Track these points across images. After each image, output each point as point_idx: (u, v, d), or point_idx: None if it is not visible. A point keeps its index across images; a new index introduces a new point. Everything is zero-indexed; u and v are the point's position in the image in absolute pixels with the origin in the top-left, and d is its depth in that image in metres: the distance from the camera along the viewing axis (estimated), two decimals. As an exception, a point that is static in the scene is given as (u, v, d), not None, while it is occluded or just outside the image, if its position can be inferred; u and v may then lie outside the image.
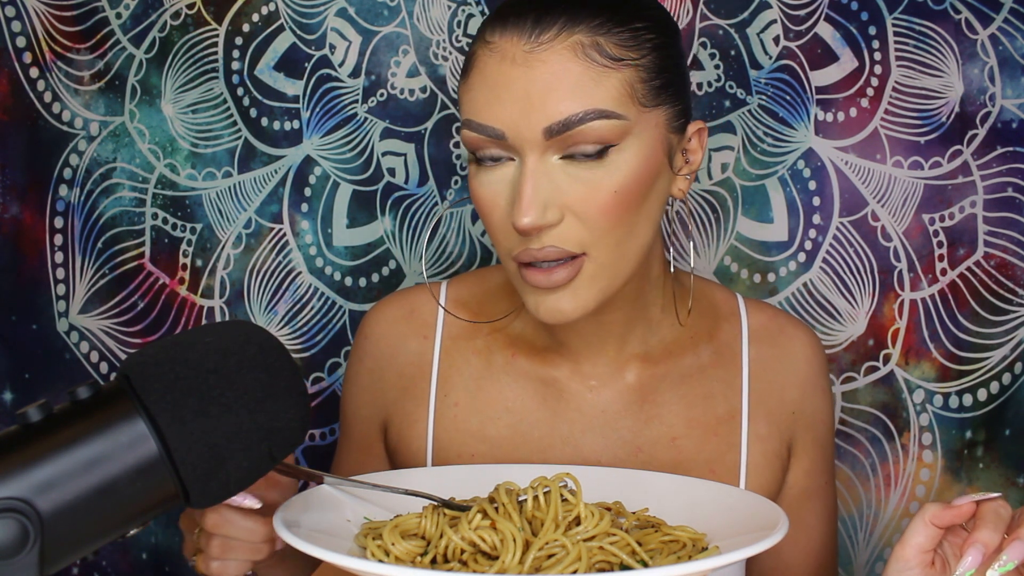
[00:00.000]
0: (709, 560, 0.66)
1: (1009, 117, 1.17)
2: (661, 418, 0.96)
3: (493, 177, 0.85)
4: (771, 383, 0.99)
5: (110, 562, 1.31)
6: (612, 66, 0.83)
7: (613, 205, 0.83)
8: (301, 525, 0.74)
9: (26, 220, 1.30)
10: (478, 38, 0.87)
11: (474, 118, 0.84)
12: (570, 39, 0.82)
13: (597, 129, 0.82)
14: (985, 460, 1.20)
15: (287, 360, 0.64)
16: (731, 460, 0.96)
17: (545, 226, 0.82)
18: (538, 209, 0.82)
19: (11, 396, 1.31)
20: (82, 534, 0.56)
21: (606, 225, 0.84)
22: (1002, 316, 1.18)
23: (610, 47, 0.83)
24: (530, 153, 0.82)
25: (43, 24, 1.28)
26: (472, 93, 0.85)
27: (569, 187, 0.83)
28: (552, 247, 0.83)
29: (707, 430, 0.96)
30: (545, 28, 0.82)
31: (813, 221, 1.21)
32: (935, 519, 0.72)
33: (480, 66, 0.85)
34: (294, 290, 1.28)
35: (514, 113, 0.82)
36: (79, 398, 0.58)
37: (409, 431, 0.99)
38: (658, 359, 0.98)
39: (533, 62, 0.82)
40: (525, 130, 0.82)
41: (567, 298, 0.85)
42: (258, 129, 1.27)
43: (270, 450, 0.62)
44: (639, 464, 0.95)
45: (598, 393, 0.97)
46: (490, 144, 0.84)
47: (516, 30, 0.83)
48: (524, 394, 0.97)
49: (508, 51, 0.83)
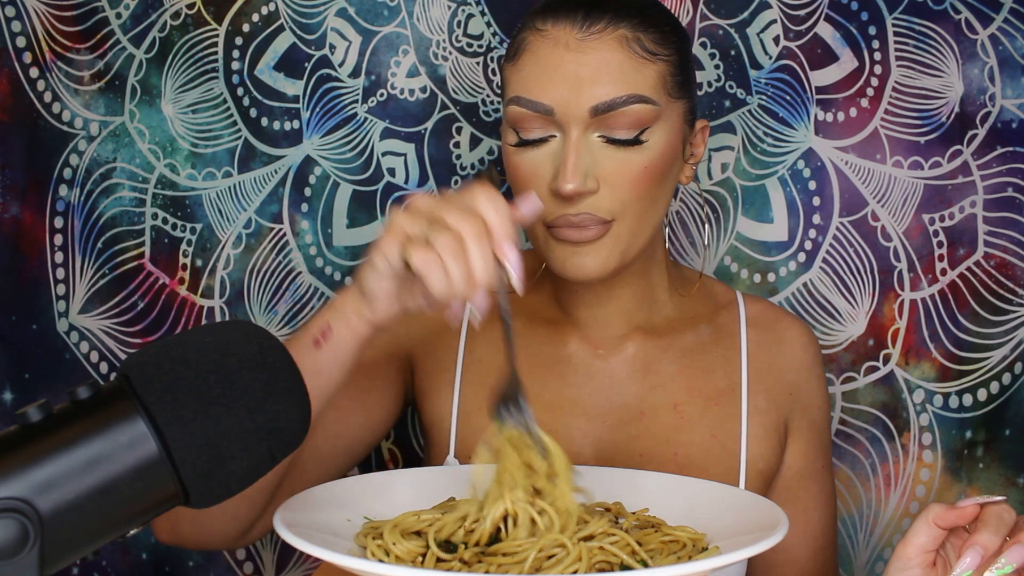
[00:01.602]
0: (709, 560, 0.67)
1: (1009, 117, 1.17)
2: (664, 386, 1.03)
3: (535, 153, 0.94)
4: (769, 363, 1.05)
5: (110, 562, 1.31)
6: (650, 59, 0.93)
7: (642, 179, 0.93)
8: (301, 525, 0.74)
9: (26, 220, 1.30)
10: (527, 26, 0.96)
11: (524, 95, 0.93)
12: (616, 32, 0.92)
13: (636, 112, 0.92)
14: (985, 460, 1.20)
15: (287, 360, 0.64)
16: (732, 428, 1.01)
17: (586, 192, 0.92)
18: (580, 177, 0.91)
19: (11, 396, 1.31)
20: (82, 534, 0.56)
21: (634, 196, 0.93)
22: (1002, 316, 1.18)
23: (648, 43, 0.93)
24: (575, 128, 0.92)
25: (43, 24, 1.28)
26: (523, 73, 0.94)
27: (606, 161, 0.93)
28: (587, 214, 0.92)
29: (708, 399, 1.02)
30: (595, 20, 0.92)
31: (813, 221, 1.21)
32: (938, 520, 0.73)
33: (533, 49, 0.94)
34: (294, 290, 1.28)
35: (564, 92, 0.91)
36: (79, 398, 0.58)
37: (440, 376, 1.05)
38: (661, 333, 1.05)
39: (585, 48, 0.92)
40: (574, 107, 0.91)
41: (592, 256, 0.94)
42: (258, 129, 1.27)
43: (270, 450, 0.62)
44: (642, 427, 1.01)
45: (605, 360, 1.04)
46: (536, 120, 0.93)
47: (568, 20, 0.93)
48: (537, 359, 1.04)
49: (561, 38, 0.93)
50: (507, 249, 0.72)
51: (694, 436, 1.00)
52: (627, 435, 1.01)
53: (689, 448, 1.00)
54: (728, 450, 1.00)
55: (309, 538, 0.70)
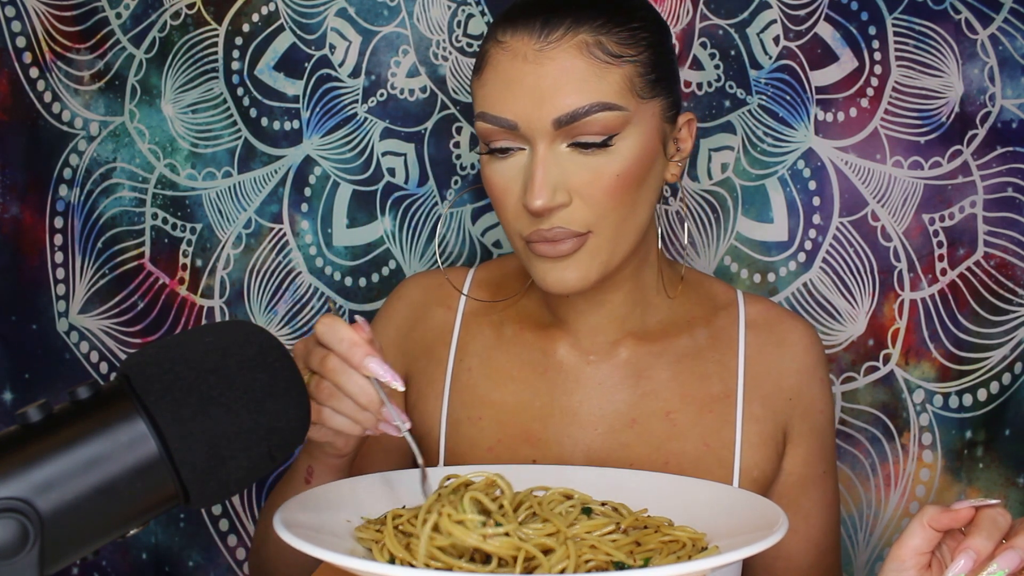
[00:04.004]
0: (709, 560, 0.66)
1: (1009, 117, 1.17)
2: (656, 393, 1.01)
3: (506, 165, 0.93)
4: (767, 369, 1.03)
5: (110, 562, 1.31)
6: (613, 62, 0.90)
7: (616, 187, 0.91)
8: (301, 525, 0.74)
9: (26, 220, 1.30)
10: (490, 37, 0.94)
11: (488, 110, 0.92)
12: (576, 38, 0.89)
13: (601, 120, 0.89)
14: (985, 460, 1.20)
15: (287, 360, 0.64)
16: (726, 436, 0.99)
17: (555, 207, 0.90)
18: (548, 192, 0.89)
19: (11, 396, 1.31)
20: (82, 534, 0.56)
21: (610, 205, 0.91)
22: (1002, 316, 1.18)
23: (611, 45, 0.90)
24: (540, 142, 0.90)
25: (43, 24, 1.28)
26: (486, 88, 0.92)
27: (576, 172, 0.91)
28: (560, 228, 0.91)
29: (701, 407, 1.00)
30: (553, 28, 0.90)
31: (813, 221, 1.21)
32: (932, 522, 0.72)
33: (493, 63, 0.92)
34: (294, 290, 1.28)
35: (526, 106, 0.89)
36: (79, 398, 0.58)
37: (428, 389, 1.06)
38: (654, 338, 1.03)
39: (543, 59, 0.89)
40: (536, 121, 0.89)
41: (572, 269, 0.93)
42: (258, 129, 1.27)
43: (270, 450, 0.62)
44: (634, 435, 1.00)
45: (596, 367, 1.03)
46: (503, 134, 0.91)
47: (526, 30, 0.90)
48: (527, 365, 1.04)
49: (519, 49, 0.90)
50: (369, 365, 0.79)
51: (686, 445, 0.99)
52: (618, 443, 1.00)
53: (681, 457, 0.98)
54: (721, 458, 0.99)
55: (309, 538, 0.70)
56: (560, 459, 1.00)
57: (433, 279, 1.11)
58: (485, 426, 1.02)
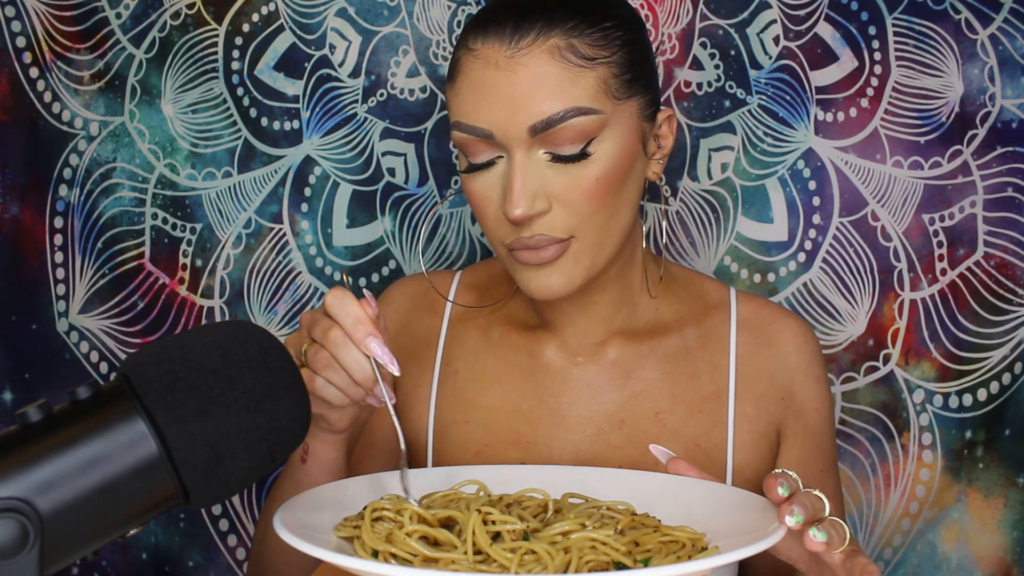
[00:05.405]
0: (709, 560, 0.66)
1: (1009, 117, 1.17)
2: (645, 394, 1.00)
3: (485, 176, 0.92)
4: (759, 368, 1.02)
5: (110, 562, 1.31)
6: (587, 65, 0.89)
7: (596, 191, 0.90)
8: (301, 525, 0.74)
9: (26, 220, 1.30)
10: (461, 44, 0.93)
11: (463, 120, 0.91)
12: (547, 43, 0.88)
13: (577, 124, 0.88)
14: (985, 460, 1.20)
15: (287, 360, 0.64)
16: (717, 436, 0.99)
17: (535, 215, 0.89)
18: (527, 200, 0.88)
19: (11, 396, 1.31)
20: (82, 534, 0.56)
21: (591, 210, 0.90)
22: (1002, 316, 1.18)
23: (584, 48, 0.89)
24: (517, 150, 0.89)
25: (43, 24, 1.28)
26: (459, 97, 0.91)
27: (555, 178, 0.90)
28: (542, 235, 0.90)
29: (692, 407, 1.00)
30: (524, 34, 0.88)
31: (813, 221, 1.21)
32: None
33: (465, 71, 0.91)
34: (294, 290, 1.28)
35: (500, 114, 0.88)
36: (79, 398, 0.58)
37: (415, 393, 1.05)
38: (642, 338, 1.02)
39: (515, 66, 0.88)
40: (511, 129, 0.88)
41: (556, 275, 0.92)
42: (258, 129, 1.27)
43: (270, 450, 0.62)
44: (623, 436, 0.99)
45: (584, 368, 1.02)
46: (479, 143, 0.90)
47: (497, 37, 0.89)
48: (515, 368, 1.03)
49: (491, 57, 0.89)
50: (370, 344, 0.79)
51: (676, 446, 0.98)
52: (607, 444, 0.99)
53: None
54: (713, 459, 0.98)
55: (309, 538, 0.70)
56: (548, 461, 0.99)
57: (419, 284, 1.11)
58: (473, 429, 1.01)
